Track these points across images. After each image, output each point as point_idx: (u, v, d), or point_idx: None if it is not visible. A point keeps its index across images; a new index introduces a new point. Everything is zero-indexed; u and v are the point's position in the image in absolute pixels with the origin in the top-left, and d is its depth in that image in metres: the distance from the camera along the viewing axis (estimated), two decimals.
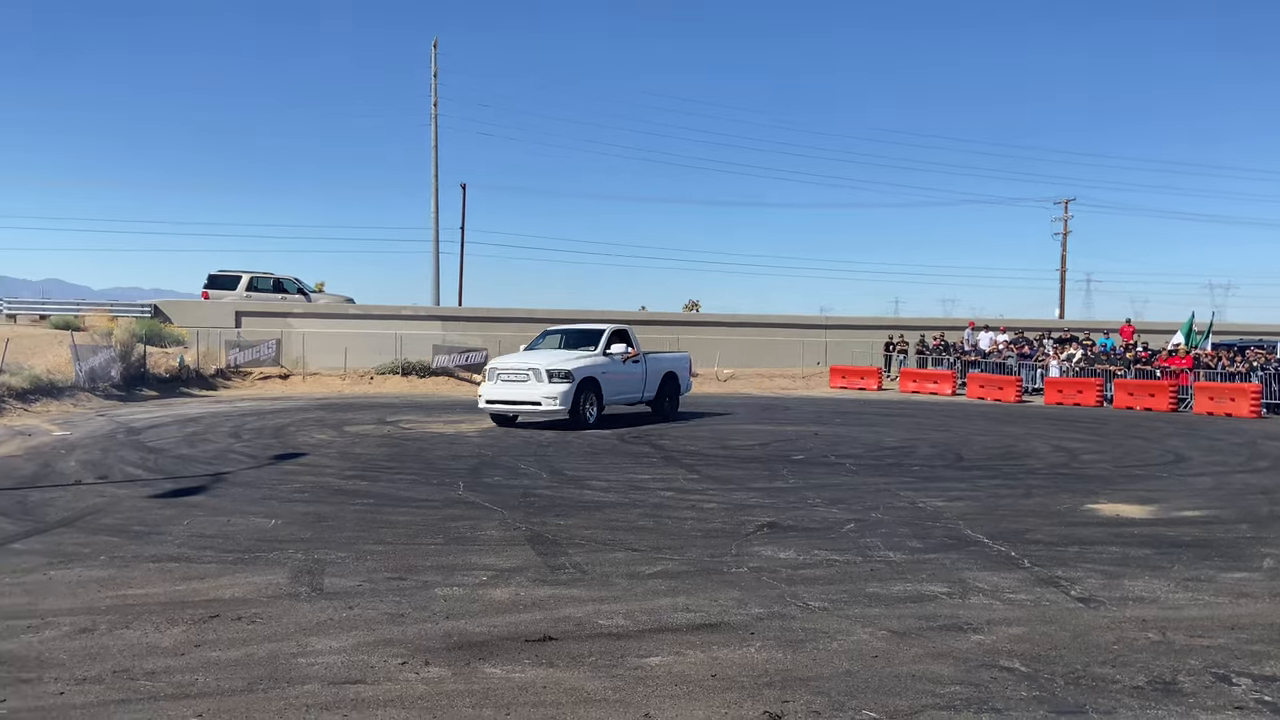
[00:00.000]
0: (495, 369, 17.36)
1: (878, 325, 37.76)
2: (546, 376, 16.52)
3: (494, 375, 17.21)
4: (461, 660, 4.90)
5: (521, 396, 16.65)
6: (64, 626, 5.38)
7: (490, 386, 17.11)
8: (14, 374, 19.46)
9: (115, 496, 9.63)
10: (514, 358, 17.73)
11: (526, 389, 16.60)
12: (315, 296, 33.64)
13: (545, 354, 17.52)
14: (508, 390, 16.80)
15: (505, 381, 16.88)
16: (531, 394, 16.51)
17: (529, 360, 17.10)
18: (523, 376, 16.73)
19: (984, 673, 4.79)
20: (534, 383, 16.58)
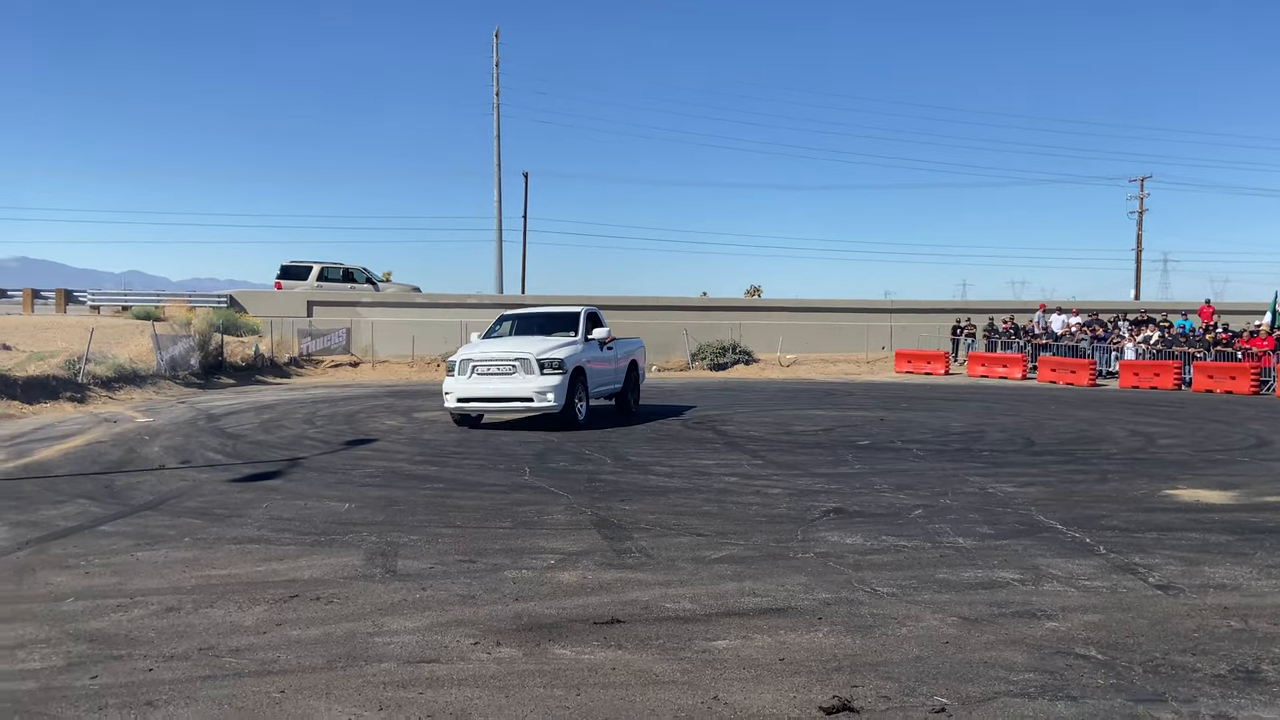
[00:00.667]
0: (470, 360, 14.60)
1: (945, 309, 37.12)
2: (538, 367, 14.21)
3: (466, 368, 14.57)
4: (532, 641, 4.98)
5: (507, 392, 14.30)
6: (151, 605, 5.60)
7: (462, 381, 14.54)
8: (99, 363, 20.20)
9: (197, 481, 9.97)
10: (491, 345, 15.20)
11: (512, 383, 14.26)
12: (383, 286, 34.26)
13: (527, 341, 15.17)
14: (488, 385, 14.38)
15: (485, 375, 14.44)
16: (519, 388, 14.22)
17: (514, 348, 14.71)
18: (507, 368, 14.36)
19: (1059, 660, 4.71)
20: (522, 375, 14.26)
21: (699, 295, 40.50)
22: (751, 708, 4.17)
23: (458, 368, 14.67)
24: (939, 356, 31.63)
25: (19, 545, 7.07)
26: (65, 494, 9.15)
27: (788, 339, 33.93)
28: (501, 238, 42.66)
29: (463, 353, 14.93)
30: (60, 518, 8.07)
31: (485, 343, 15.43)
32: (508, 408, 14.63)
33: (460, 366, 14.67)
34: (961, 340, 33.56)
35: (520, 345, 14.87)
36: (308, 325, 30.51)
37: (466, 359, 14.65)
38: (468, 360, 14.62)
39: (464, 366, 14.62)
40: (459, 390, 14.52)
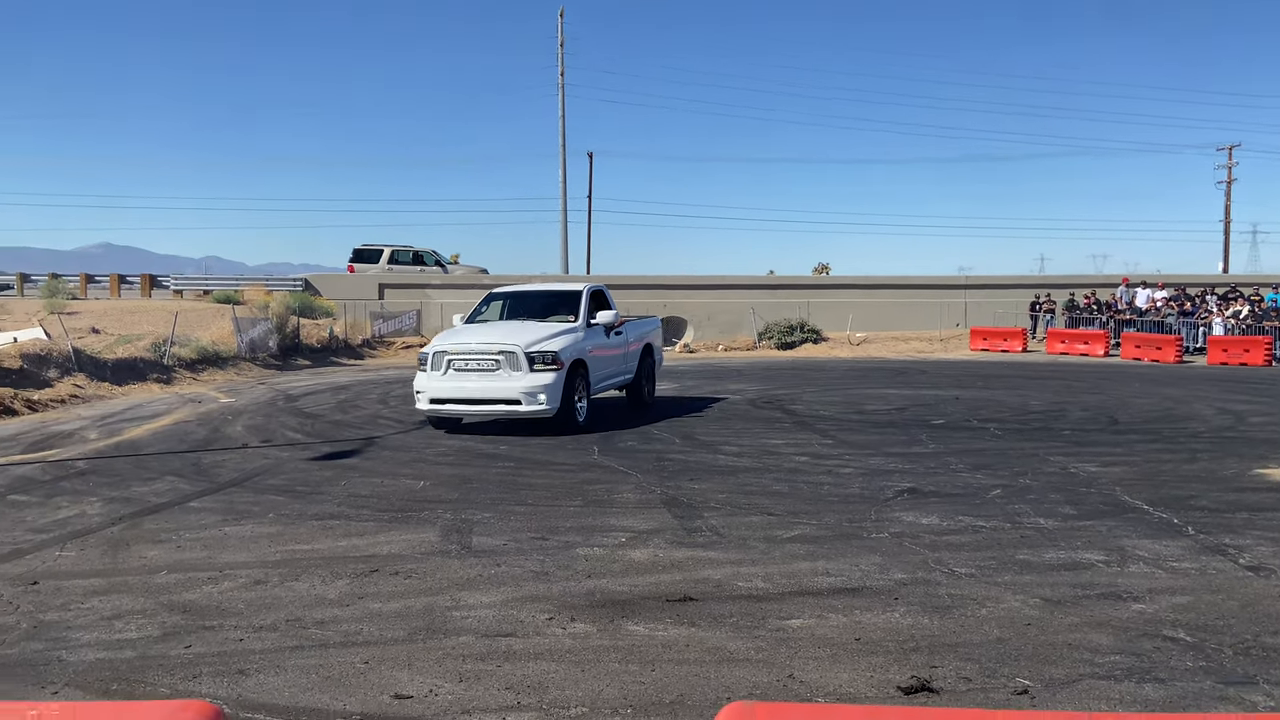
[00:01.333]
0: (444, 353, 11.99)
1: (1022, 284, 36.17)
2: (526, 362, 11.62)
3: (440, 362, 11.97)
4: (605, 617, 5.02)
5: (488, 393, 11.71)
6: (240, 578, 5.79)
7: (436, 379, 11.96)
8: (183, 345, 20.88)
9: (278, 459, 10.25)
10: (473, 333, 12.42)
11: (495, 381, 11.70)
12: (451, 268, 34.71)
13: (516, 329, 12.46)
14: (466, 384, 11.82)
15: (463, 371, 11.90)
16: (504, 388, 11.65)
17: (495, 338, 12.07)
18: (489, 363, 11.76)
19: (1146, 642, 4.59)
20: (506, 372, 11.69)
21: (765, 274, 40.18)
22: (828, 686, 4.14)
23: (430, 361, 12.00)
24: (1016, 333, 30.87)
25: (113, 520, 7.36)
26: (155, 471, 9.50)
27: (857, 317, 33.46)
28: (566, 218, 42.86)
29: (437, 343, 12.30)
30: (151, 494, 8.38)
31: (467, 329, 12.76)
32: (491, 412, 11.92)
33: (434, 360, 11.99)
34: (1040, 316, 32.70)
35: (507, 334, 12.16)
36: (379, 307, 31.07)
37: (440, 351, 12.00)
38: (442, 353, 11.97)
39: (438, 360, 11.97)
40: (432, 389, 11.93)
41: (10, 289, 33.36)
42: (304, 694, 4.08)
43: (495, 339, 12.07)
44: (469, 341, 12.13)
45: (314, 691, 4.10)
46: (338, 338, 27.62)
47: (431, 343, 12.55)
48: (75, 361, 17.34)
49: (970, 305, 34.89)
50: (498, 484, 8.69)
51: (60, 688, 4.19)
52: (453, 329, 13.08)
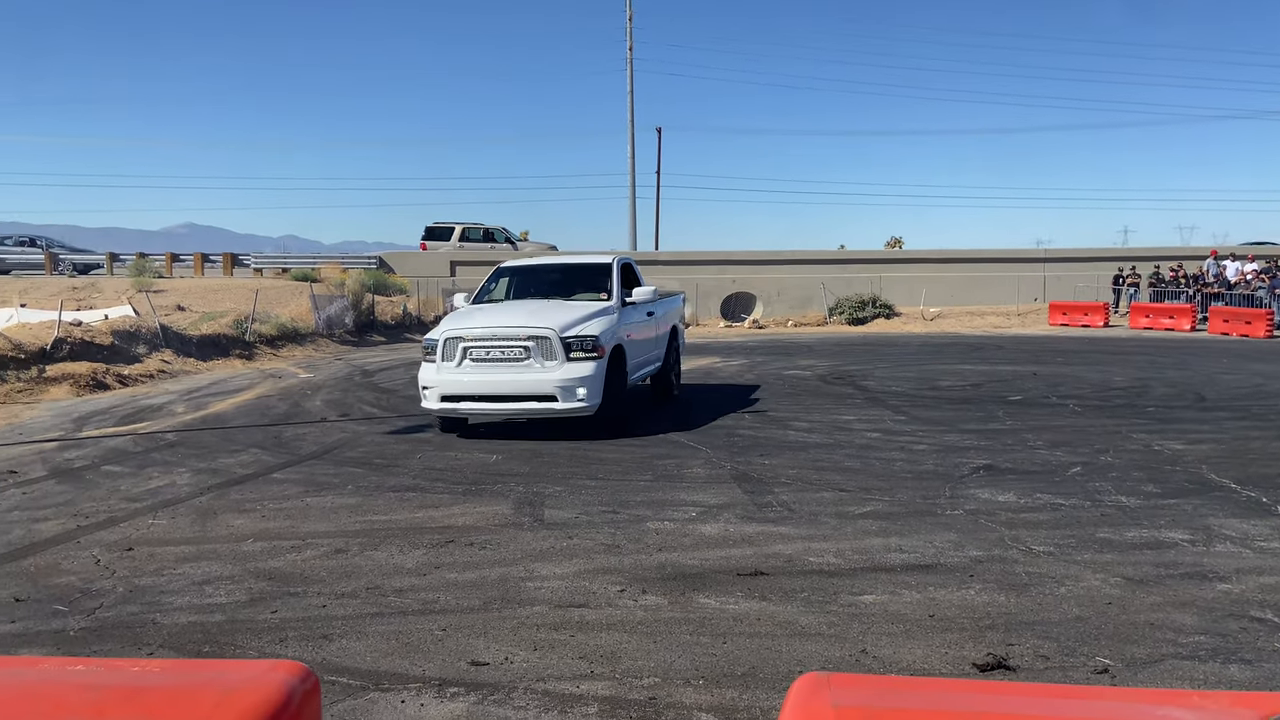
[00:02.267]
0: (458, 339, 9.81)
1: (1104, 257, 35.07)
2: (562, 349, 9.58)
3: (454, 351, 9.80)
4: (676, 590, 5.05)
5: (515, 387, 9.61)
6: (321, 547, 5.97)
7: (449, 371, 9.79)
8: (263, 322, 21.49)
9: (356, 432, 10.51)
10: (489, 315, 10.27)
11: (523, 374, 9.60)
12: (521, 245, 35.02)
13: (536, 309, 10.43)
14: (487, 377, 9.67)
15: (482, 362, 9.72)
16: (535, 382, 9.56)
17: (520, 320, 9.95)
18: (515, 350, 9.64)
19: (1231, 623, 4.45)
20: (537, 361, 9.58)
21: (836, 248, 39.64)
22: (901, 662, 4.12)
23: (441, 350, 9.80)
24: (1097, 308, 29.97)
25: (202, 490, 7.65)
26: (240, 444, 9.82)
27: (931, 291, 32.84)
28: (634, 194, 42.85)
29: (448, 327, 10.02)
30: (237, 465, 8.67)
31: (481, 311, 10.57)
32: (517, 410, 9.75)
33: (445, 348, 9.78)
34: (1123, 290, 31.67)
35: (534, 316, 10.06)
36: (451, 284, 31.52)
37: (454, 337, 9.78)
38: (455, 339, 9.76)
39: (450, 348, 9.76)
40: (443, 384, 9.73)
41: (100, 268, 34.69)
42: (384, 659, 4.20)
43: (522, 321, 9.86)
44: (490, 325, 9.81)
45: (394, 657, 4.22)
46: (411, 314, 28.11)
47: (440, 326, 10.18)
48: (162, 338, 17.98)
49: (1049, 279, 33.96)
50: (568, 458, 8.78)
51: (155, 648, 4.38)
52: (461, 310, 10.86)
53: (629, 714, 3.65)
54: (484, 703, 3.76)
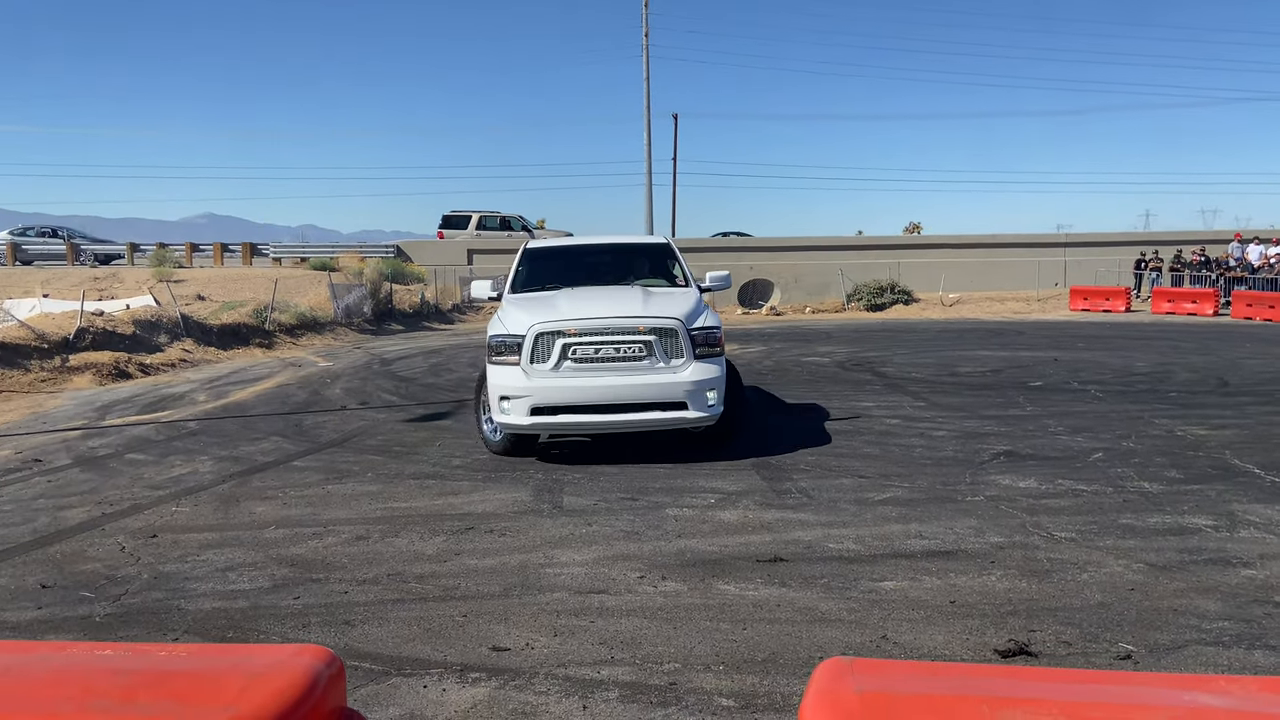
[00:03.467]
0: (557, 332, 7.76)
1: (1125, 241, 34.74)
2: (689, 344, 7.85)
3: (550, 349, 7.77)
4: (696, 576, 5.06)
5: (639, 393, 7.74)
6: (343, 534, 6.01)
7: (544, 376, 7.75)
8: (283, 311, 21.61)
9: (375, 420, 10.57)
10: (579, 303, 8.25)
11: (643, 376, 7.77)
12: (538, 233, 35.04)
13: (623, 296, 8.53)
14: (601, 381, 7.73)
15: (588, 363, 7.76)
16: (663, 386, 7.75)
17: (634, 306, 8.10)
18: (633, 347, 7.77)
19: (1256, 609, 4.42)
20: (660, 362, 7.79)
21: (854, 234, 39.44)
22: (922, 647, 4.11)
23: (531, 348, 7.76)
24: (1119, 292, 29.70)
25: (224, 478, 7.71)
26: (261, 431, 9.89)
27: (950, 277, 32.63)
28: (651, 181, 42.71)
29: (526, 318, 7.91)
30: (258, 453, 8.74)
31: (559, 298, 8.50)
32: (635, 423, 7.83)
33: (537, 346, 7.77)
34: (1145, 275, 31.37)
35: (645, 302, 8.23)
36: (468, 273, 31.59)
37: (550, 331, 7.76)
38: (552, 334, 7.76)
39: (544, 347, 7.76)
40: (539, 393, 7.70)
41: (121, 258, 34.96)
42: (406, 644, 4.23)
43: (637, 309, 8.01)
44: (597, 315, 7.87)
45: (416, 642, 4.25)
46: (429, 303, 28.19)
47: (509, 318, 8.09)
48: (183, 327, 18.12)
49: (1070, 264, 33.68)
50: (587, 445, 8.79)
51: (180, 634, 4.43)
52: (516, 299, 8.80)
53: (649, 699, 3.66)
54: (505, 688, 3.78)
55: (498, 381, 7.90)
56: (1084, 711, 1.53)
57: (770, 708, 3.57)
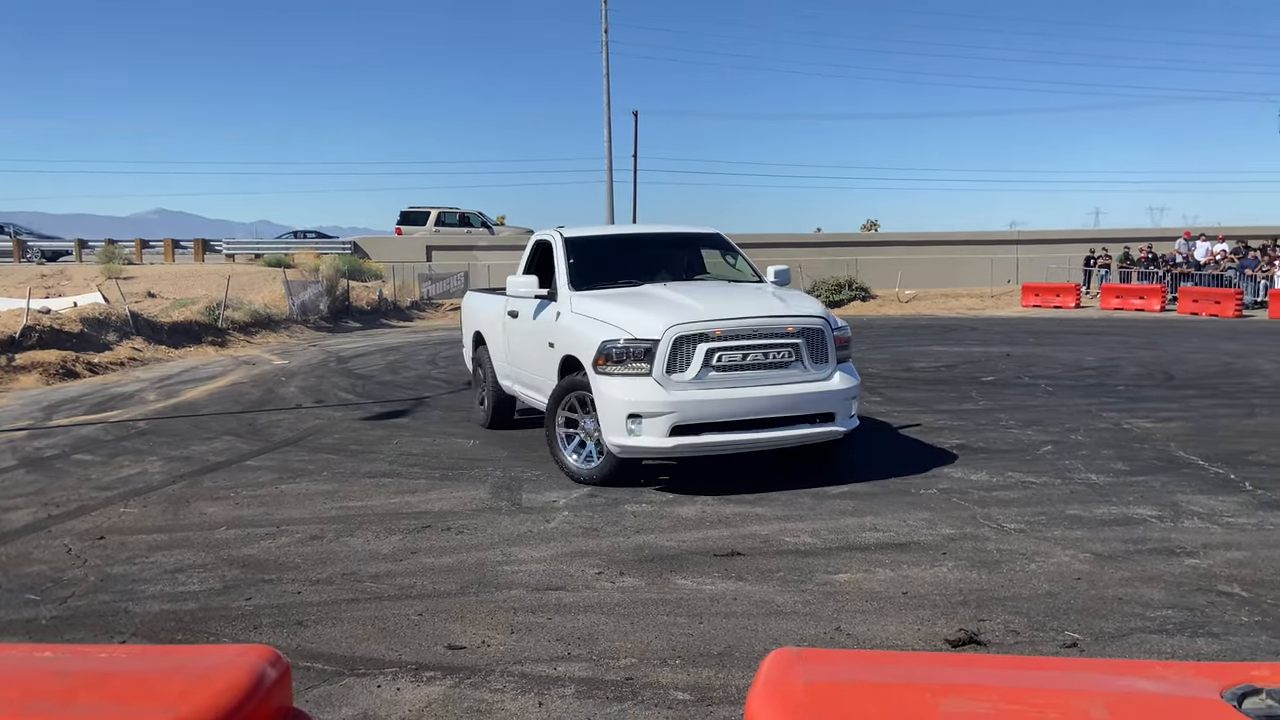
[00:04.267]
0: (698, 335, 6.64)
1: (1075, 239, 35.41)
2: (832, 347, 7.07)
3: (690, 354, 6.63)
4: (654, 572, 5.08)
5: (792, 405, 6.78)
6: (296, 534, 5.94)
7: (682, 387, 6.60)
8: (236, 309, 21.28)
9: (331, 419, 10.45)
10: (701, 298, 7.09)
11: (792, 386, 6.81)
12: (498, 229, 34.87)
13: (745, 292, 7.65)
14: (753, 392, 6.68)
15: (733, 370, 6.69)
16: (816, 396, 6.86)
17: (773, 303, 7.18)
18: (781, 351, 6.80)
19: (1199, 597, 4.53)
20: (812, 367, 6.91)
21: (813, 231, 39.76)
22: (875, 638, 4.16)
23: (668, 354, 6.59)
24: (1069, 289, 30.25)
25: (174, 478, 7.58)
26: (213, 431, 9.74)
27: (906, 274, 33.01)
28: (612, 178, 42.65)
29: (656, 319, 6.70)
30: (210, 453, 8.60)
31: (646, 295, 7.33)
32: (782, 440, 6.89)
33: (675, 352, 6.61)
34: (1094, 271, 31.99)
35: (752, 299, 7.31)
36: (427, 269, 31.34)
37: (691, 334, 6.62)
38: (694, 337, 6.62)
39: (683, 353, 6.62)
40: (684, 410, 6.55)
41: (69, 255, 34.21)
42: (360, 644, 4.19)
43: (778, 308, 7.08)
44: (741, 315, 6.85)
45: (370, 642, 4.21)
46: (387, 300, 27.93)
47: (623, 320, 6.81)
48: (133, 325, 17.77)
49: (1022, 261, 34.23)
50: (545, 443, 8.76)
51: (128, 636, 4.35)
52: (602, 294, 7.42)
53: (605, 694, 3.67)
54: (460, 686, 3.77)
55: (622, 395, 6.56)
56: (1024, 697, 1.56)
57: (725, 700, 3.59)
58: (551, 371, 7.49)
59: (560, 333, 7.41)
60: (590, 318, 7.14)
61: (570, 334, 7.24)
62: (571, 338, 7.20)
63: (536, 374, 8.03)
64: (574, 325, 7.23)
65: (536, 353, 7.95)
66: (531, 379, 8.23)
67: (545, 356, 7.66)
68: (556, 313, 7.59)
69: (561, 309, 7.55)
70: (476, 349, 9.96)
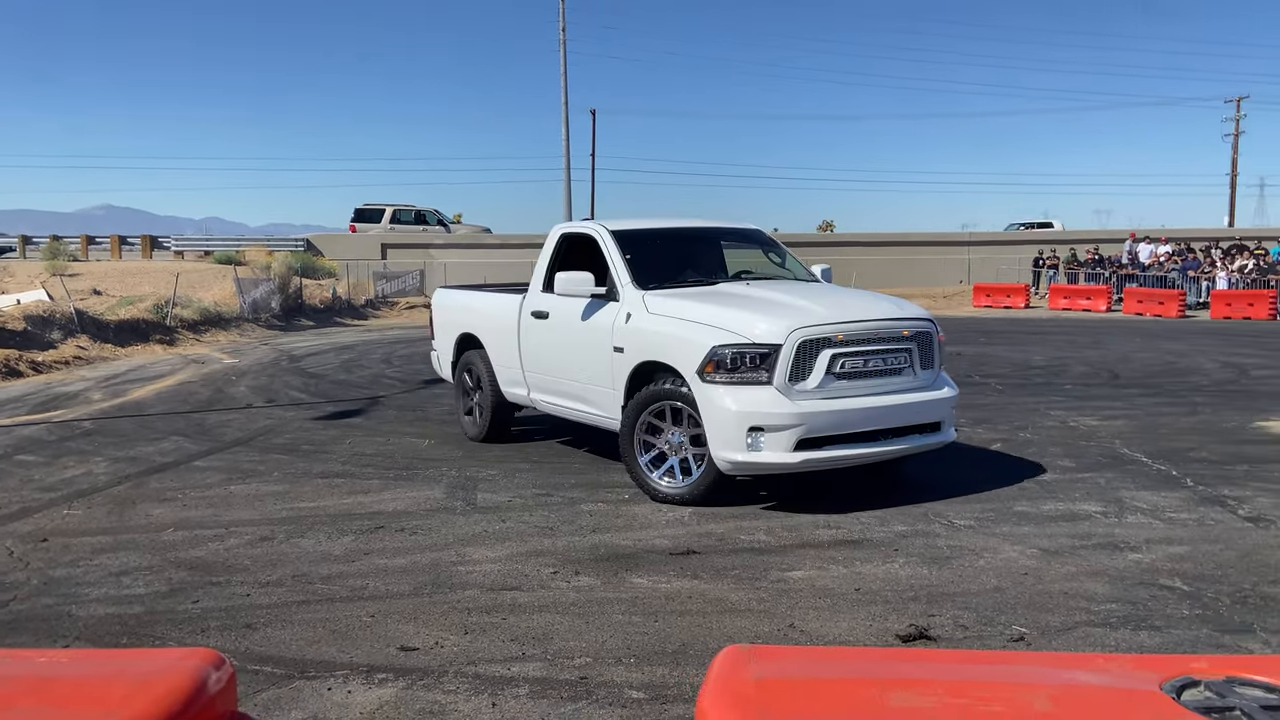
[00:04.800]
0: (821, 339, 6.14)
1: (1025, 240, 36.06)
2: (939, 352, 6.83)
3: (813, 360, 6.11)
4: (609, 571, 5.08)
5: (909, 414, 6.44)
6: (246, 536, 5.85)
7: (806, 396, 6.08)
8: (185, 307, 20.89)
9: (283, 418, 10.30)
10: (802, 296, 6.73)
11: (913, 394, 6.50)
12: (454, 228, 34.64)
13: (825, 293, 7.16)
14: (878, 401, 6.29)
15: (859, 378, 6.29)
16: (928, 405, 6.55)
17: (883, 303, 6.93)
18: (898, 356, 6.48)
19: (1142, 591, 4.64)
20: (924, 371, 6.64)
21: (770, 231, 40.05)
22: (828, 635, 4.20)
23: (791, 361, 6.06)
24: (1019, 289, 30.80)
25: (119, 479, 7.42)
26: (160, 431, 9.55)
27: (861, 274, 33.34)
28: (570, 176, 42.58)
29: (774, 321, 6.16)
30: (157, 454, 8.43)
31: (730, 294, 6.98)
32: (897, 452, 6.46)
33: (797, 359, 6.08)
34: (1043, 272, 32.62)
35: (849, 300, 6.93)
36: (382, 268, 31.04)
37: (815, 338, 6.13)
38: (817, 341, 6.14)
39: (805, 358, 6.10)
40: (815, 421, 6.04)
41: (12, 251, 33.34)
42: (311, 647, 4.14)
43: (889, 309, 6.75)
44: (862, 318, 6.46)
45: (321, 645, 4.16)
46: (341, 298, 27.60)
47: (734, 323, 6.22)
48: (78, 323, 17.36)
49: (974, 261, 34.79)
50: (502, 442, 8.73)
51: (71, 640, 4.25)
52: (683, 294, 6.91)
53: (560, 694, 3.66)
54: (413, 687, 3.73)
55: (739, 407, 5.98)
56: (971, 690, 1.58)
57: (679, 698, 3.60)
58: (609, 379, 6.92)
59: (633, 336, 6.71)
60: (683, 319, 6.48)
61: (654, 337, 6.57)
62: (656, 341, 6.54)
63: (580, 382, 7.31)
64: (660, 328, 6.57)
65: (585, 358, 7.21)
66: (570, 388, 7.47)
67: (602, 362, 6.98)
68: (625, 314, 6.85)
69: (631, 310, 6.84)
70: (463, 353, 9.00)
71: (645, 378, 6.66)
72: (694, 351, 6.21)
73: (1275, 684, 1.45)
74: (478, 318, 8.87)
